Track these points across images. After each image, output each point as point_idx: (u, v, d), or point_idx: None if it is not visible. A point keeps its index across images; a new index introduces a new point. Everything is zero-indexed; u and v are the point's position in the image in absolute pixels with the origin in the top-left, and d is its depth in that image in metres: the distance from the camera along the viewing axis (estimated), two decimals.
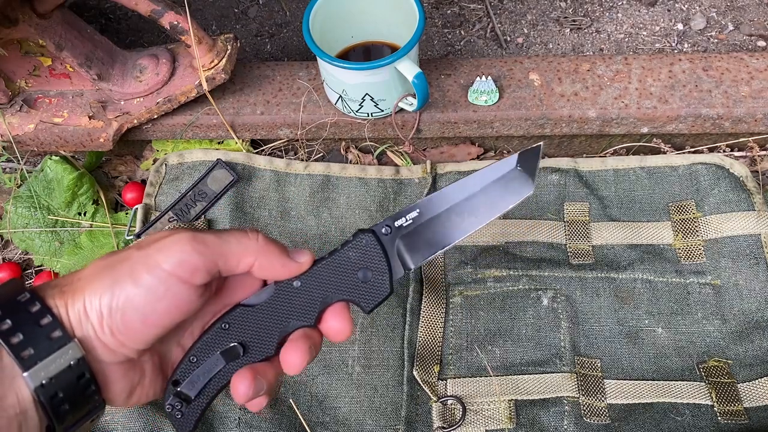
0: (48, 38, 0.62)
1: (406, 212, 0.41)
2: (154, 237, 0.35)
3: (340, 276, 0.39)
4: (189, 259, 0.33)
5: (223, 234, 0.36)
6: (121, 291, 0.32)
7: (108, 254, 0.35)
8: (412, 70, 0.59)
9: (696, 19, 0.80)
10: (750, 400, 0.55)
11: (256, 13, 0.86)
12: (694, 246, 0.63)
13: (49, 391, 0.31)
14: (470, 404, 0.56)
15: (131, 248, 0.35)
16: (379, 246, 0.40)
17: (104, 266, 0.34)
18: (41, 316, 0.31)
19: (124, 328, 0.32)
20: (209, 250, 0.34)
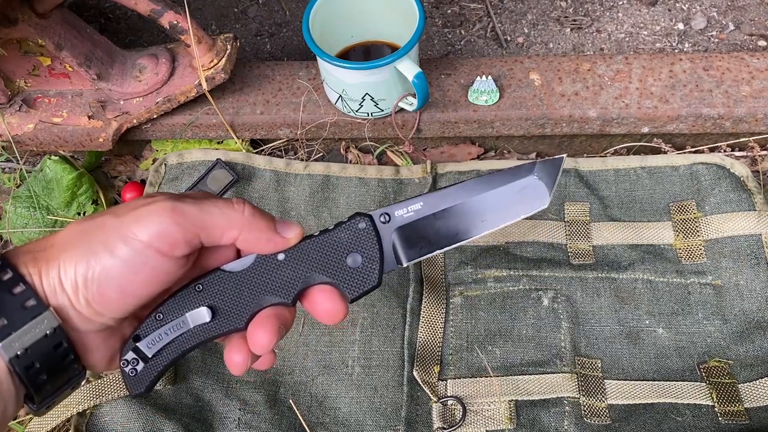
0: (47, 38, 0.62)
1: (409, 203, 0.38)
2: (132, 204, 0.33)
3: (328, 256, 0.37)
4: (167, 231, 0.32)
5: (205, 204, 0.34)
6: (97, 262, 0.31)
7: (83, 219, 0.33)
8: (412, 69, 0.59)
9: (696, 19, 0.80)
10: (751, 401, 0.55)
11: (256, 13, 0.86)
12: (694, 246, 0.63)
13: (25, 362, 0.30)
14: (470, 405, 0.56)
15: (107, 214, 0.33)
16: (374, 232, 0.37)
17: (79, 233, 0.32)
18: (14, 284, 0.30)
19: (100, 299, 0.31)
20: (189, 222, 0.33)
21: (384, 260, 0.37)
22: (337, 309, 0.36)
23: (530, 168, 0.39)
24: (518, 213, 0.39)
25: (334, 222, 0.67)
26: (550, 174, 0.39)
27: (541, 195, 0.39)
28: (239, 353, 0.35)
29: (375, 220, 0.38)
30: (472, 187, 0.39)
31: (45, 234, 0.69)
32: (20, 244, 0.32)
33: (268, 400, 0.58)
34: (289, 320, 0.37)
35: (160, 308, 0.35)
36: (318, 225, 0.67)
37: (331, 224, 0.70)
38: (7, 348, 0.29)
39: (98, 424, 0.56)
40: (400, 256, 0.38)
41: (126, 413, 0.55)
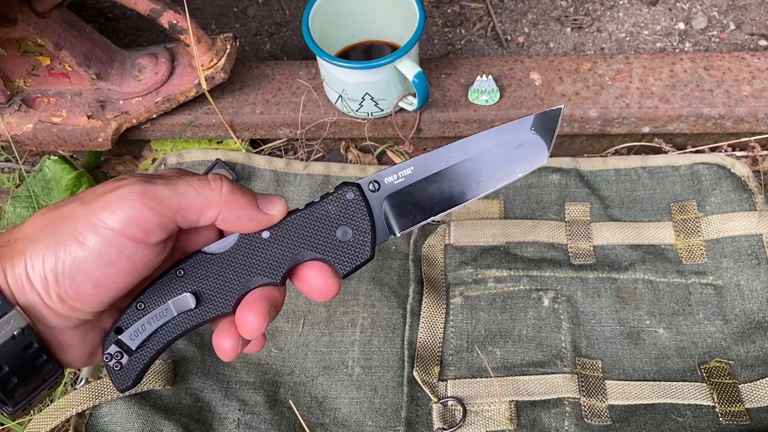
0: (47, 37, 0.62)
1: (399, 168, 0.35)
2: (100, 189, 0.31)
3: (316, 231, 0.34)
4: (140, 217, 0.29)
5: (179, 184, 0.31)
6: (66, 254, 0.29)
7: (48, 207, 0.31)
8: (412, 69, 0.59)
9: (697, 19, 0.80)
10: (751, 401, 0.54)
11: (256, 12, 0.86)
12: (695, 246, 0.63)
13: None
14: (471, 405, 0.56)
15: (74, 201, 0.30)
16: (363, 202, 0.35)
17: (45, 224, 0.30)
18: None
19: (74, 293, 0.29)
20: (163, 206, 0.30)
21: (376, 231, 0.35)
22: (329, 286, 0.34)
23: (527, 122, 0.37)
24: (516, 171, 0.37)
25: None
26: (547, 128, 0.37)
27: (539, 150, 0.37)
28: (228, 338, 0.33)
29: (364, 189, 0.35)
30: (466, 147, 0.36)
31: None
32: None
33: (268, 400, 0.57)
34: (279, 301, 0.35)
35: (140, 297, 0.33)
36: None
37: None
38: None
39: (98, 425, 0.56)
40: (393, 226, 0.36)
41: (125, 414, 0.55)
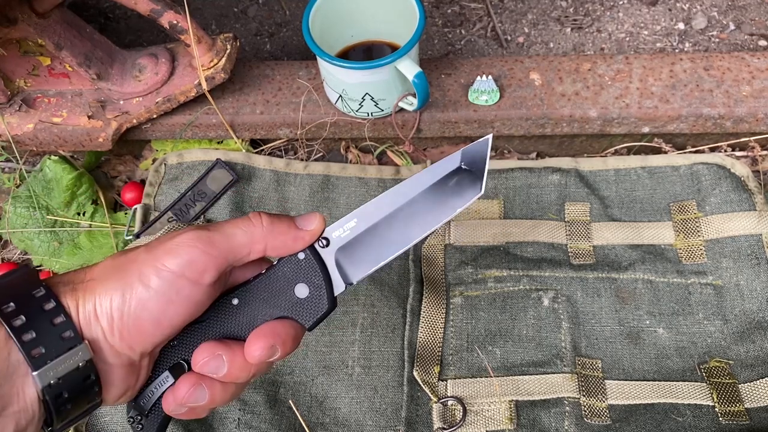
0: (47, 38, 0.62)
1: (343, 221, 0.38)
2: (163, 239, 0.35)
3: (277, 293, 0.37)
4: (198, 260, 0.33)
5: (227, 228, 0.35)
6: (132, 295, 0.32)
7: (117, 254, 0.35)
8: (412, 69, 0.59)
9: (697, 19, 0.80)
10: (751, 401, 0.54)
11: (256, 13, 0.86)
12: (695, 246, 0.63)
13: (55, 391, 0.31)
14: (471, 405, 0.56)
15: (140, 250, 0.34)
16: (314, 260, 0.37)
17: (113, 267, 0.34)
18: (55, 314, 0.31)
19: (135, 330, 0.33)
20: (215, 249, 0.34)
21: (332, 284, 0.37)
22: (298, 338, 0.37)
23: (456, 159, 0.38)
24: (455, 207, 0.38)
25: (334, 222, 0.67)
26: (478, 160, 0.38)
27: (474, 184, 0.38)
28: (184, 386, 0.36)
29: (315, 246, 0.38)
30: (403, 192, 0.38)
31: (44, 234, 0.69)
32: (60, 273, 0.35)
33: (268, 400, 0.57)
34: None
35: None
36: None
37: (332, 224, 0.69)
38: (42, 376, 0.30)
39: (98, 425, 0.56)
40: (348, 276, 0.38)
41: (126, 414, 0.55)
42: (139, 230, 0.66)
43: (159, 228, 0.66)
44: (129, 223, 0.67)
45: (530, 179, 0.67)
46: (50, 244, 0.69)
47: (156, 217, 0.67)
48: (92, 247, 0.68)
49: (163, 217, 0.67)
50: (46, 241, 0.69)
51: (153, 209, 0.68)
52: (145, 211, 0.68)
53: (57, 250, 0.69)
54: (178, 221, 0.66)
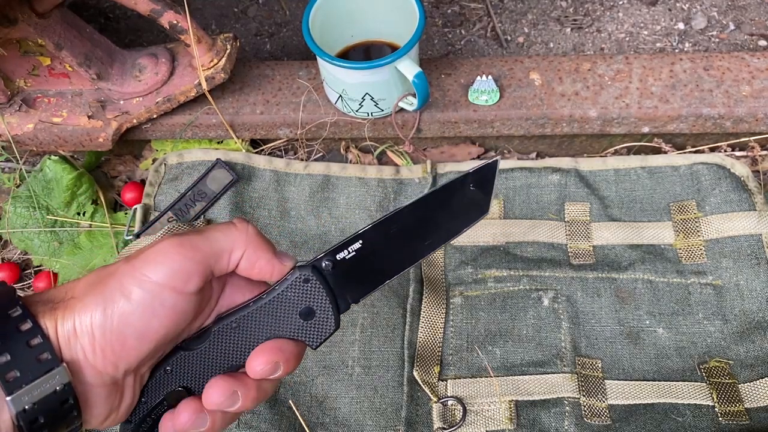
0: (47, 38, 0.62)
1: (348, 243, 0.37)
2: (140, 249, 0.33)
3: (281, 316, 0.36)
4: (180, 268, 0.32)
5: (209, 233, 0.34)
6: (114, 309, 0.31)
7: (98, 269, 0.33)
8: (412, 69, 0.59)
9: (697, 19, 0.80)
10: (751, 401, 0.54)
11: (256, 13, 0.86)
12: (695, 246, 0.63)
13: (30, 416, 0.29)
14: (471, 405, 0.56)
15: (119, 262, 0.33)
16: (320, 283, 0.36)
17: (93, 282, 0.32)
18: (32, 335, 0.29)
19: (119, 347, 0.31)
20: (199, 254, 0.33)
21: (338, 305, 0.37)
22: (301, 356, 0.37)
23: (466, 181, 0.38)
24: (460, 227, 0.39)
25: (334, 222, 0.67)
26: (486, 181, 0.38)
27: (481, 205, 0.38)
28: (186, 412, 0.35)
29: (320, 270, 0.37)
30: (410, 213, 0.38)
31: (44, 234, 0.69)
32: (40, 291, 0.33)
33: (268, 400, 0.58)
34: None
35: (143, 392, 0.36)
36: (318, 225, 0.67)
37: (332, 224, 0.70)
38: (16, 401, 0.29)
39: None
40: (352, 295, 0.38)
41: None
42: (139, 230, 0.66)
43: (159, 228, 0.66)
44: (129, 223, 0.67)
45: (530, 179, 0.67)
46: (50, 244, 0.69)
47: (156, 217, 0.67)
48: (92, 246, 0.68)
49: (163, 217, 0.67)
50: (46, 241, 0.69)
51: (153, 209, 0.68)
52: (145, 211, 0.68)
53: (57, 250, 0.69)
54: (178, 221, 0.66)
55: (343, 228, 0.67)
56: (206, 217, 0.67)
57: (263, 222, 0.67)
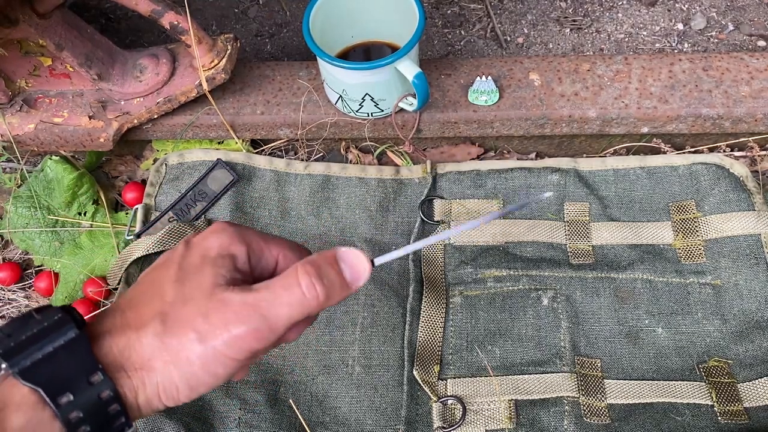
0: (48, 38, 0.62)
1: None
2: (218, 327, 0.32)
3: None
4: (251, 349, 0.32)
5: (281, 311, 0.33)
6: (198, 384, 0.32)
7: (164, 334, 0.32)
8: (412, 70, 0.59)
9: (696, 19, 0.80)
10: (750, 400, 0.55)
11: (256, 13, 0.86)
12: (694, 246, 0.63)
13: None
14: (470, 404, 0.56)
15: (192, 335, 0.32)
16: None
17: (170, 356, 0.32)
18: (116, 418, 0.30)
19: (173, 398, 0.32)
20: (273, 334, 0.33)
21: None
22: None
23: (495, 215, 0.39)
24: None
25: (334, 222, 0.68)
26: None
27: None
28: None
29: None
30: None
31: (45, 234, 0.69)
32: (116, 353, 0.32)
33: (269, 399, 0.58)
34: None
35: None
36: (318, 225, 0.67)
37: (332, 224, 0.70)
38: None
39: None
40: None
41: None
42: (140, 230, 0.66)
43: (160, 228, 0.66)
44: (130, 223, 0.68)
45: (529, 179, 0.68)
46: (51, 243, 0.69)
47: (157, 217, 0.67)
48: (93, 246, 0.69)
49: (164, 217, 0.67)
50: (47, 240, 0.69)
51: (154, 209, 0.68)
52: (146, 210, 0.68)
53: (58, 249, 0.69)
54: (178, 221, 0.66)
55: (343, 228, 0.67)
56: (207, 217, 0.67)
57: (264, 222, 0.67)
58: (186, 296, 0.33)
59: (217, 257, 0.34)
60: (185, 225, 0.65)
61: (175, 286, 0.33)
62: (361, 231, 0.67)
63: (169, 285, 0.33)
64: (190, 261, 0.34)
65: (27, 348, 0.29)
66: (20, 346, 0.29)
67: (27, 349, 0.29)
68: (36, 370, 0.29)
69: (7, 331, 0.30)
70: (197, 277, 0.33)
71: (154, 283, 0.35)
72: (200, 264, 0.34)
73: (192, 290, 0.33)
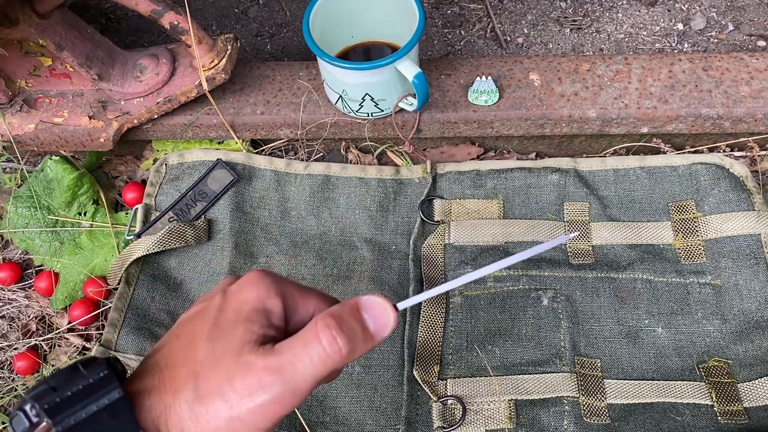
0: (48, 38, 0.62)
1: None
2: (243, 396, 0.31)
3: None
4: (282, 415, 0.32)
5: (307, 372, 0.32)
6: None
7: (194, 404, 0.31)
8: (412, 70, 0.59)
9: (696, 19, 0.80)
10: (750, 400, 0.55)
11: (257, 13, 0.86)
12: (694, 246, 0.63)
13: None
14: (470, 404, 0.56)
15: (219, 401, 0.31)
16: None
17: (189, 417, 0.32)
18: None
19: None
20: (299, 398, 0.32)
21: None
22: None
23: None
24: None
25: (334, 222, 0.68)
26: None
27: None
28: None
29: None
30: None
31: (45, 234, 0.69)
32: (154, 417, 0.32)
33: None
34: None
35: None
36: (318, 225, 0.67)
37: (332, 224, 0.70)
38: None
39: None
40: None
41: None
42: (140, 230, 0.66)
43: (160, 228, 0.66)
44: (130, 223, 0.68)
45: (529, 179, 0.68)
46: (51, 243, 0.69)
47: (157, 217, 0.67)
48: (93, 246, 0.69)
49: (164, 217, 0.67)
50: (47, 240, 0.69)
51: (154, 209, 0.68)
52: (146, 210, 0.68)
53: (58, 249, 0.69)
54: (178, 221, 0.67)
55: (343, 228, 0.67)
56: (207, 217, 0.67)
57: (264, 222, 0.67)
58: (216, 357, 0.32)
59: (251, 311, 0.33)
60: (185, 225, 0.65)
61: (207, 345, 0.33)
62: (361, 231, 0.67)
63: (202, 343, 0.33)
64: (225, 316, 0.33)
65: (72, 406, 0.29)
66: (65, 403, 0.29)
67: (72, 407, 0.29)
68: (79, 429, 0.29)
69: (53, 384, 0.30)
70: (229, 335, 0.33)
71: (189, 338, 0.34)
72: (234, 320, 0.33)
73: (223, 350, 0.32)
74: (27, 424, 0.29)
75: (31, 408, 0.29)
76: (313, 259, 0.65)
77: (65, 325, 0.66)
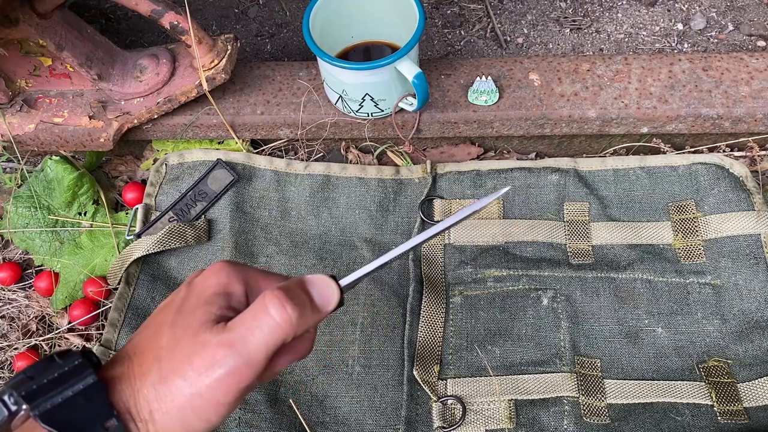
0: (48, 38, 0.62)
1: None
2: (201, 373, 0.33)
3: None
4: (241, 388, 0.33)
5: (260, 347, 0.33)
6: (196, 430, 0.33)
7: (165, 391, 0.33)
8: (412, 70, 0.59)
9: (696, 19, 0.80)
10: (750, 400, 0.55)
11: (257, 14, 0.86)
12: (693, 246, 0.63)
13: None
14: (470, 404, 0.56)
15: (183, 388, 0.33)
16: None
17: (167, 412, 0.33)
18: None
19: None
20: (254, 370, 0.33)
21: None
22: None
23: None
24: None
25: (334, 222, 0.68)
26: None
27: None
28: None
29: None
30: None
31: (45, 234, 0.69)
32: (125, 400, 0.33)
33: (269, 399, 0.58)
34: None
35: None
36: (318, 225, 0.67)
37: (332, 224, 0.70)
38: None
39: None
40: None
41: None
42: (140, 230, 0.66)
43: (160, 228, 0.66)
44: (130, 223, 0.68)
45: (529, 179, 0.68)
46: (51, 243, 0.69)
47: (157, 217, 0.67)
48: (93, 246, 0.69)
49: (164, 217, 0.67)
50: (47, 240, 0.69)
51: (154, 209, 0.68)
52: (146, 210, 0.68)
53: (58, 249, 0.69)
54: (178, 221, 0.67)
55: (343, 228, 0.67)
56: (207, 217, 0.67)
57: (264, 222, 0.67)
58: (177, 339, 0.33)
59: (211, 295, 0.35)
60: (185, 225, 0.65)
61: (170, 329, 0.34)
62: (361, 231, 0.67)
63: (166, 329, 0.34)
64: (188, 303, 0.35)
65: (48, 392, 0.31)
66: (42, 389, 0.31)
67: (48, 393, 0.31)
68: (56, 413, 0.30)
69: (30, 374, 0.31)
70: (189, 318, 0.34)
71: (156, 326, 0.35)
72: (195, 304, 0.35)
73: (182, 332, 0.34)
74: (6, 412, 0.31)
75: (9, 396, 0.31)
76: (313, 259, 0.65)
77: (65, 325, 0.66)
